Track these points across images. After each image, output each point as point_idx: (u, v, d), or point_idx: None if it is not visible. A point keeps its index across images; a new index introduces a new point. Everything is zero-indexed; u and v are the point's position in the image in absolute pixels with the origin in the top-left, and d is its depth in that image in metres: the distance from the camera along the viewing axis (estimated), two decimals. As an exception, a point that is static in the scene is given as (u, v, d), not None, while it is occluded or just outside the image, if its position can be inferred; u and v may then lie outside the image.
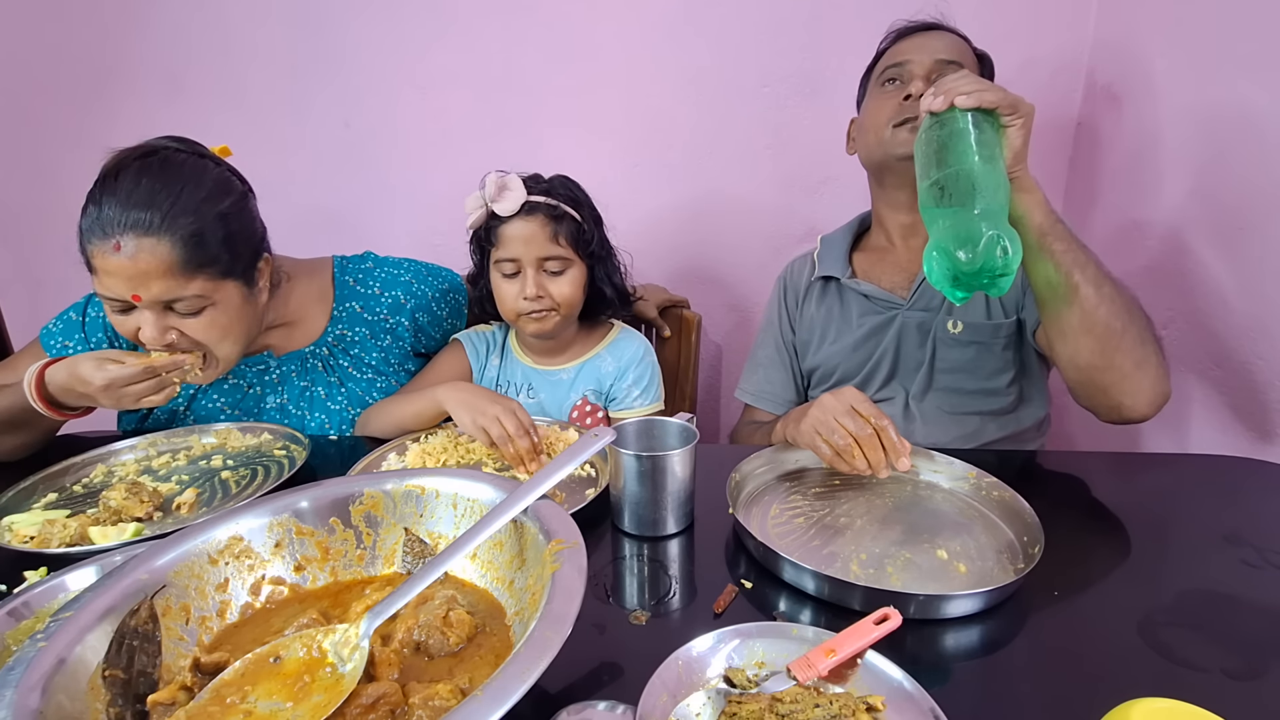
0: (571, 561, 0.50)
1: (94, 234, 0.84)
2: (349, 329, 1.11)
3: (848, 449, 0.76)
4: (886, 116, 1.02)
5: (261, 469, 0.95)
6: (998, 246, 0.67)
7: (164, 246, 0.84)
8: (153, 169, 0.87)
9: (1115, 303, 0.82)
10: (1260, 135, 0.98)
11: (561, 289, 1.06)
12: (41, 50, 1.53)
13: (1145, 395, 0.85)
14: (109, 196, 0.84)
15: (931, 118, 0.78)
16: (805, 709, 0.48)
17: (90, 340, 1.03)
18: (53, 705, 0.42)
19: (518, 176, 1.04)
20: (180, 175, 0.88)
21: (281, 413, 1.09)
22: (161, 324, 0.88)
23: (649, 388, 1.17)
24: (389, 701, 0.47)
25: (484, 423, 0.92)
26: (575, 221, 1.06)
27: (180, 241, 0.85)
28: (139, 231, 0.83)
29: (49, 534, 0.76)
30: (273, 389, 1.08)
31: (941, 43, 1.02)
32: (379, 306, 1.14)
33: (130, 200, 0.84)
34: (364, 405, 1.12)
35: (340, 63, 1.53)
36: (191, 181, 0.88)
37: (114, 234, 0.83)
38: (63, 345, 1.04)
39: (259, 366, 1.08)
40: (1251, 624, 0.62)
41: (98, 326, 1.04)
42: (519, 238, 1.04)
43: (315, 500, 0.64)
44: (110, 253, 0.83)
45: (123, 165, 0.86)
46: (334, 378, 1.10)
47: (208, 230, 0.87)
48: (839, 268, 1.14)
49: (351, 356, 1.11)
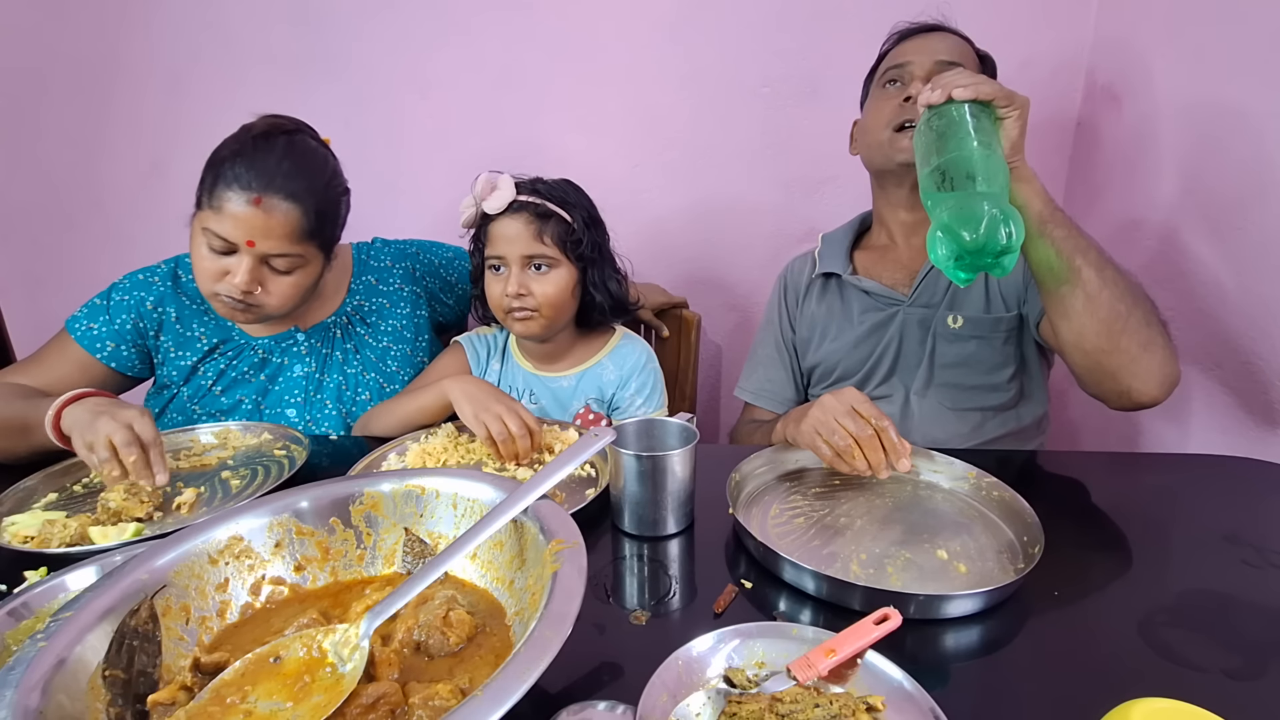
0: (571, 561, 0.50)
1: (236, 182, 0.94)
2: (366, 299, 1.20)
3: (848, 450, 0.76)
4: (886, 119, 1.03)
5: (261, 469, 0.95)
6: (1001, 224, 0.68)
7: (296, 212, 0.97)
8: (298, 147, 1.00)
9: (1118, 285, 0.82)
10: (1259, 135, 0.98)
11: (544, 288, 1.07)
12: (41, 50, 1.53)
13: (1154, 378, 0.85)
14: (262, 157, 0.96)
15: (930, 110, 0.79)
16: (805, 709, 0.48)
17: (114, 321, 1.08)
18: (53, 705, 0.42)
19: (509, 177, 1.06)
20: (318, 159, 1.03)
21: (307, 380, 1.14)
22: (255, 274, 0.98)
23: (652, 395, 1.17)
24: (389, 701, 0.47)
25: (486, 418, 0.92)
26: (564, 222, 1.06)
27: (308, 212, 0.98)
28: (282, 195, 0.96)
29: (49, 534, 0.76)
30: (299, 359, 1.14)
31: (942, 44, 1.03)
32: (392, 278, 1.23)
33: (280, 168, 0.96)
34: (379, 371, 1.17)
35: (340, 63, 1.52)
36: (325, 166, 1.04)
37: (258, 189, 0.94)
38: (87, 328, 1.07)
39: (287, 341, 1.14)
40: (1251, 624, 0.62)
41: (121, 309, 1.09)
42: (504, 235, 1.06)
43: (315, 500, 0.64)
44: (247, 203, 0.94)
45: (272, 134, 0.99)
46: (350, 344, 1.17)
47: (328, 209, 1.02)
48: (840, 265, 1.14)
49: (369, 325, 1.19)
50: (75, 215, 1.65)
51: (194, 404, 1.12)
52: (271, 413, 1.12)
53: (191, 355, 1.11)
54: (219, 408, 1.12)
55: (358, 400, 1.15)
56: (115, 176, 1.61)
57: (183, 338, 1.11)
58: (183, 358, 1.11)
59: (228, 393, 1.12)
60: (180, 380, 1.11)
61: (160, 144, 1.59)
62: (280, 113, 1.04)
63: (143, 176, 1.61)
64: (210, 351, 1.12)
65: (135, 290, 1.09)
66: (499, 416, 0.91)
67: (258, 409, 1.12)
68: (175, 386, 1.11)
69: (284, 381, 1.13)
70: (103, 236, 1.65)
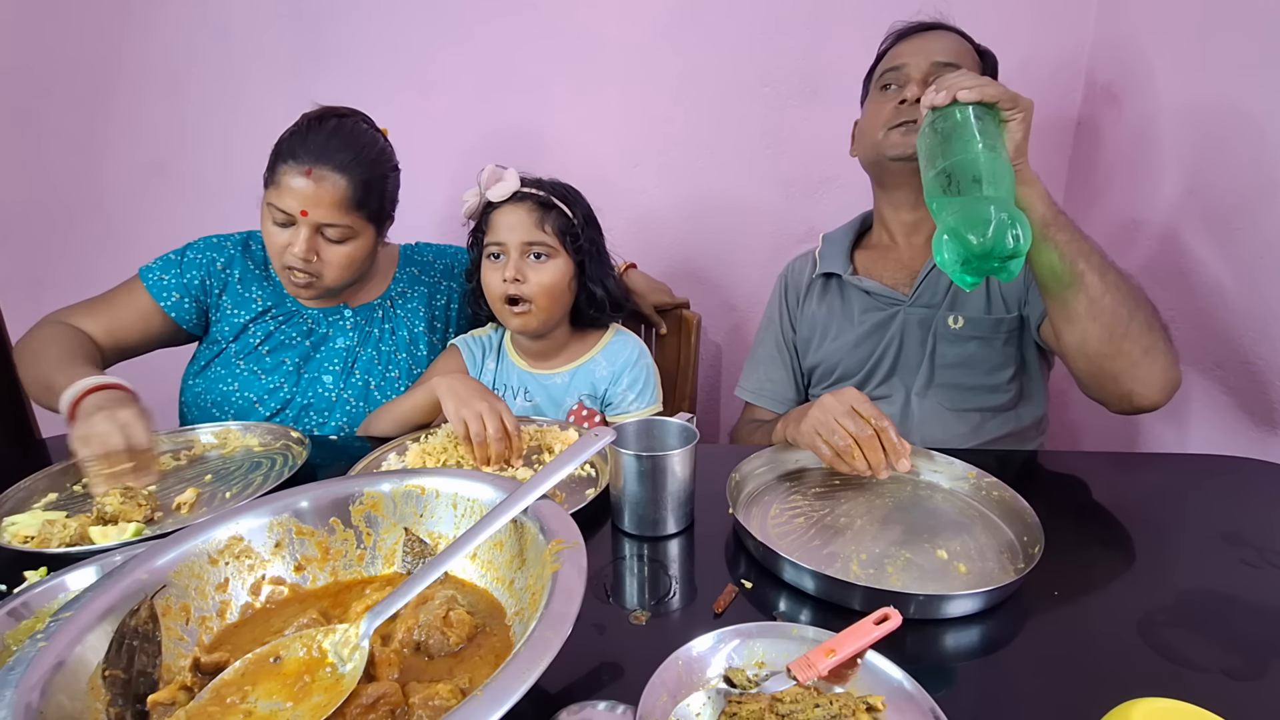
0: (571, 561, 0.50)
1: (292, 156, 1.05)
2: (408, 287, 1.29)
3: (848, 450, 0.76)
4: (883, 120, 1.04)
5: (261, 469, 0.95)
6: (1008, 228, 0.68)
7: (343, 182, 1.06)
8: (347, 127, 1.10)
9: (1120, 289, 0.82)
10: (1259, 135, 0.98)
11: (541, 277, 1.08)
12: (41, 50, 1.53)
13: (1156, 382, 0.85)
14: (314, 135, 1.07)
15: (934, 112, 0.78)
16: (805, 709, 0.48)
17: (185, 276, 1.16)
18: (53, 705, 0.42)
19: (514, 170, 1.09)
20: (366, 137, 1.12)
21: (347, 352, 1.21)
22: (311, 243, 1.07)
23: (644, 391, 1.17)
24: (389, 701, 0.47)
25: (466, 415, 0.92)
26: (565, 216, 1.09)
27: (354, 183, 1.07)
28: (330, 166, 1.05)
29: (49, 534, 0.76)
30: (343, 332, 1.22)
31: (940, 44, 1.03)
32: (433, 271, 1.32)
33: (329, 143, 1.06)
34: (410, 353, 1.24)
35: (341, 63, 1.53)
36: (372, 144, 1.12)
37: (308, 162, 1.04)
38: (159, 278, 1.16)
39: (334, 316, 1.22)
40: (1251, 624, 0.62)
41: (194, 266, 1.17)
42: (505, 223, 1.08)
43: (315, 500, 0.64)
44: (300, 175, 1.04)
45: (326, 117, 1.10)
46: (389, 325, 1.25)
47: (374, 182, 1.10)
48: (841, 265, 1.14)
49: (408, 310, 1.27)
50: (75, 215, 1.65)
51: (239, 359, 1.18)
52: (309, 377, 1.19)
53: (245, 314, 1.19)
54: (262, 366, 1.18)
55: (387, 376, 1.22)
56: (115, 176, 1.61)
57: (241, 297, 1.19)
58: (237, 315, 1.18)
59: (273, 354, 1.19)
60: (230, 336, 1.18)
61: (160, 144, 1.59)
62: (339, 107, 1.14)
63: (143, 176, 1.61)
64: (263, 313, 1.19)
65: (209, 251, 1.19)
66: (479, 415, 0.91)
67: (298, 372, 1.19)
68: (225, 341, 1.18)
69: (326, 350, 1.20)
70: (103, 236, 1.65)
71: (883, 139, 1.03)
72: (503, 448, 0.92)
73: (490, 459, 0.92)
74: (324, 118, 1.10)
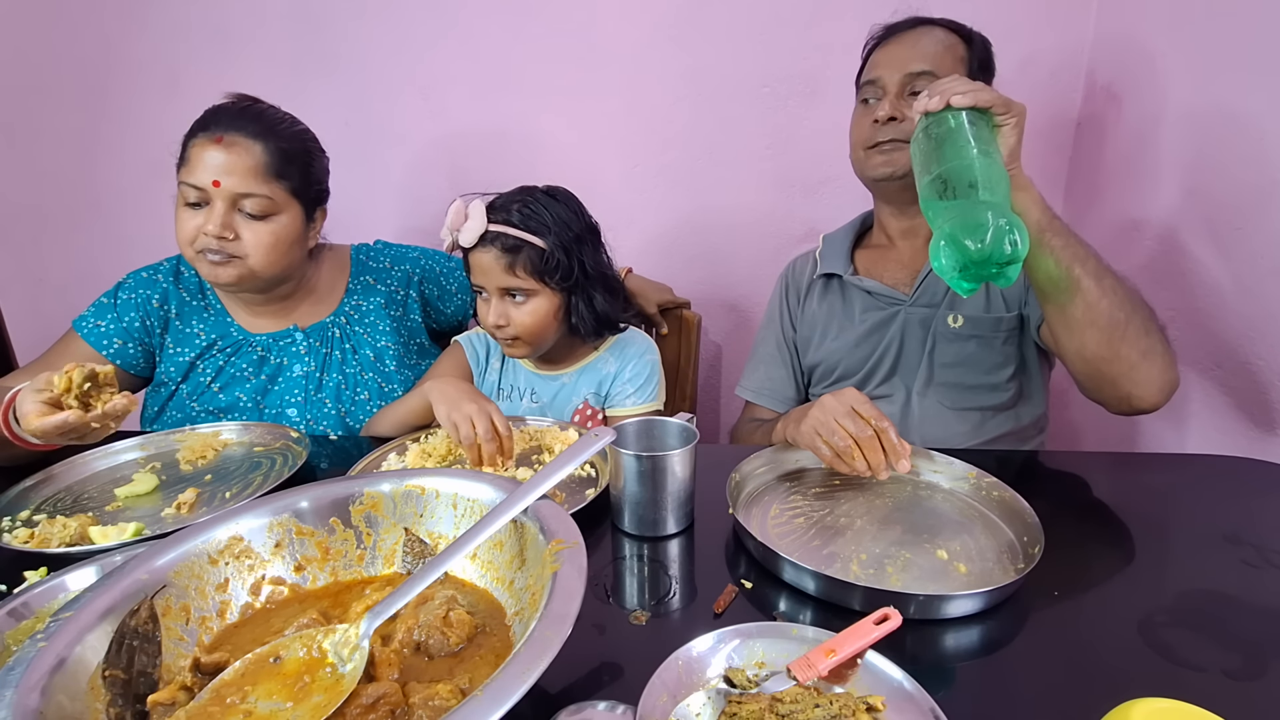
0: (571, 561, 0.50)
1: (202, 131, 1.01)
2: (364, 299, 1.21)
3: (848, 450, 0.76)
4: (862, 139, 1.05)
5: (261, 469, 0.95)
6: (1006, 233, 0.67)
7: (257, 148, 1.01)
8: (263, 104, 1.08)
9: (1117, 294, 0.82)
10: (1259, 135, 0.98)
11: (523, 318, 1.06)
12: (42, 50, 1.53)
13: (1154, 384, 0.86)
14: (225, 110, 1.04)
15: (927, 118, 0.78)
16: (805, 709, 0.48)
17: (123, 319, 1.10)
18: (53, 705, 0.42)
19: (480, 204, 1.04)
20: (284, 115, 1.09)
21: (306, 379, 1.14)
22: (227, 219, 1.01)
23: (644, 386, 1.17)
24: (389, 701, 0.47)
25: (456, 418, 0.91)
26: (538, 250, 1.04)
27: (271, 150, 1.02)
28: (243, 134, 1.01)
29: (49, 534, 0.76)
30: (298, 358, 1.15)
31: (915, 51, 1.01)
32: (390, 279, 1.23)
33: (242, 115, 1.03)
34: (378, 371, 1.17)
35: (341, 62, 1.52)
36: (292, 123, 1.09)
37: (219, 131, 1.00)
38: (94, 325, 1.09)
39: (285, 340, 1.15)
40: (1251, 624, 0.62)
41: (129, 307, 1.11)
42: (480, 265, 1.06)
43: (315, 500, 0.64)
44: (211, 143, 1.00)
45: (240, 96, 1.07)
46: (349, 344, 1.18)
47: (294, 155, 1.06)
48: (841, 265, 1.14)
49: (366, 324, 1.20)
50: (75, 215, 1.65)
51: (192, 401, 1.12)
52: (271, 412, 1.12)
53: (190, 351, 1.12)
54: (217, 405, 1.11)
55: (357, 400, 1.15)
56: (115, 176, 1.61)
57: (182, 334, 1.12)
58: (181, 354, 1.11)
59: (226, 390, 1.12)
60: (179, 377, 1.12)
61: (160, 144, 1.59)
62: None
63: (142, 177, 1.61)
64: (208, 347, 1.12)
65: (140, 288, 1.11)
66: (469, 417, 0.91)
67: (257, 408, 1.12)
68: (173, 383, 1.11)
69: (284, 381, 1.14)
70: (103, 236, 1.65)
71: (864, 159, 1.05)
72: (493, 449, 0.91)
73: (481, 460, 0.92)
74: (237, 97, 1.07)
